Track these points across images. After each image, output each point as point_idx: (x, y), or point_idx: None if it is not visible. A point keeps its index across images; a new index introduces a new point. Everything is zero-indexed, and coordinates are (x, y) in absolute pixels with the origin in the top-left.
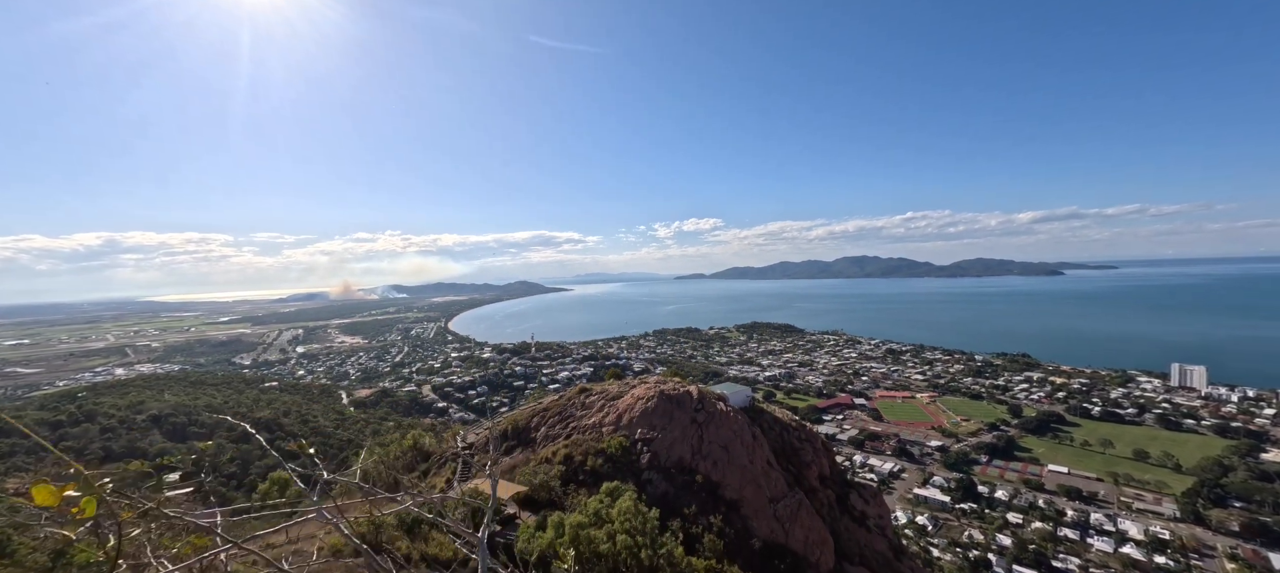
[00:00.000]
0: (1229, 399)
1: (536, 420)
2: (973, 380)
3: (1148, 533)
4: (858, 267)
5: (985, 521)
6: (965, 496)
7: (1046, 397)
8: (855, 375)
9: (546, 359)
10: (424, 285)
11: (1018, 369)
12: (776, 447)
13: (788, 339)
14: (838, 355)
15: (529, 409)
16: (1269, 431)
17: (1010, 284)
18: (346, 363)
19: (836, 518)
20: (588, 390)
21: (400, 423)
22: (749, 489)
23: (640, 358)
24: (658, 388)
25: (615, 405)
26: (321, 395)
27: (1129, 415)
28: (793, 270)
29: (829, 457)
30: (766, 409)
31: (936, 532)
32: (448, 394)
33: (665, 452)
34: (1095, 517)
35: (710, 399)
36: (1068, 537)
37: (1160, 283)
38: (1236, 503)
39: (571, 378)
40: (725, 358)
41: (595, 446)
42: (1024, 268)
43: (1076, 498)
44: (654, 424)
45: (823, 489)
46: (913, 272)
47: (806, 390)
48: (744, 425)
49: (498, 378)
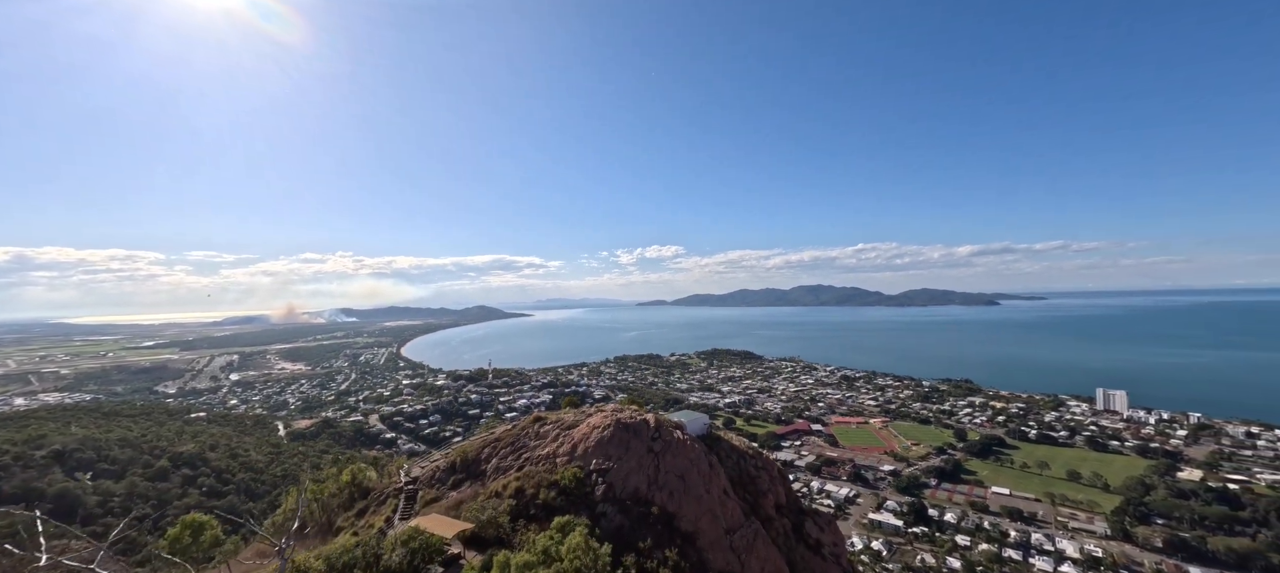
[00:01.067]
0: (1147, 421)
1: (488, 452)
2: (921, 405)
3: (1083, 552)
4: (813, 295)
5: (936, 544)
6: (917, 519)
7: (988, 421)
8: (812, 401)
9: (504, 387)
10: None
11: (962, 395)
12: (733, 475)
13: (747, 366)
14: (795, 382)
15: (480, 440)
16: (1183, 451)
17: (953, 313)
18: (286, 391)
19: (792, 547)
20: (542, 419)
21: (338, 458)
22: (705, 520)
23: (601, 385)
24: (614, 417)
25: (571, 435)
26: (255, 427)
27: (1062, 438)
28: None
29: (785, 485)
30: (724, 437)
31: (891, 557)
32: (397, 424)
33: (621, 483)
34: (1036, 537)
35: (667, 428)
36: (1012, 557)
37: (1083, 313)
38: (1159, 520)
39: (530, 406)
40: (686, 385)
41: (548, 477)
42: (964, 298)
43: (1018, 519)
44: (610, 454)
45: (779, 518)
46: (864, 301)
47: (765, 417)
48: (701, 454)
49: (452, 406)
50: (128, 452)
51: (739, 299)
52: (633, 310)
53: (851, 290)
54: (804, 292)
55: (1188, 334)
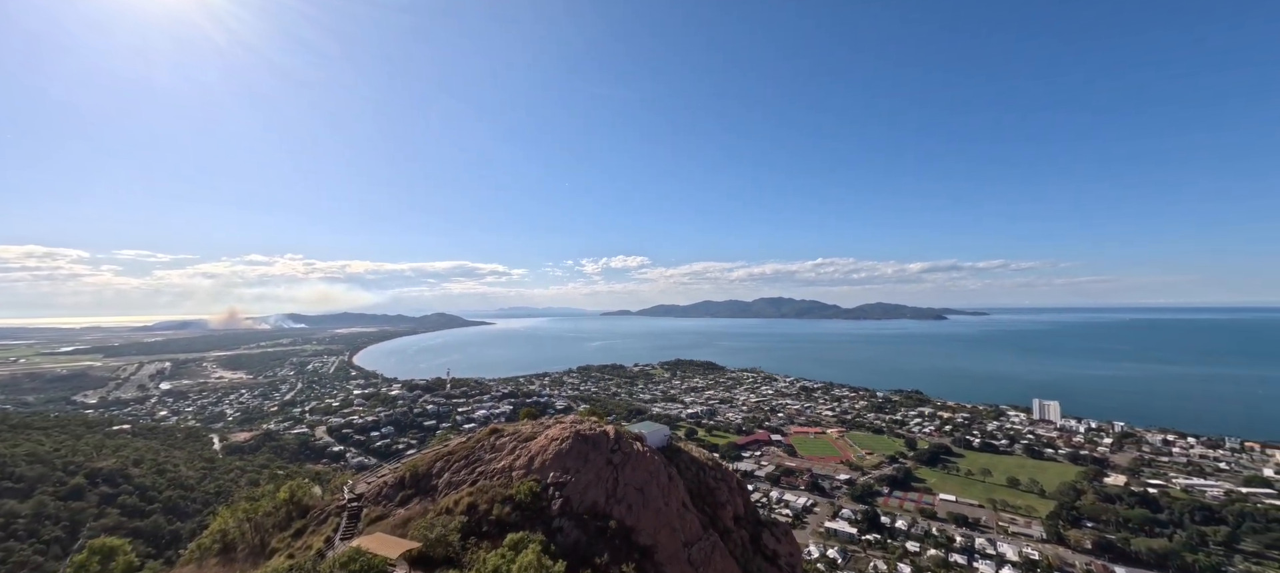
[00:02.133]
0: (1078, 430)
1: (440, 466)
2: (875, 416)
3: (1021, 555)
4: (775, 308)
5: (888, 550)
6: (870, 527)
7: (936, 430)
8: (772, 412)
9: (463, 397)
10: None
11: (912, 405)
12: (692, 487)
13: (710, 376)
14: (756, 392)
15: (432, 453)
16: (1109, 457)
17: (904, 327)
18: (224, 402)
19: (750, 558)
20: (499, 431)
21: (276, 474)
22: (664, 533)
23: (563, 395)
24: (573, 428)
25: (528, 447)
26: (187, 440)
27: (1002, 446)
28: (715, 309)
29: (743, 496)
30: (684, 449)
31: (846, 564)
32: (346, 436)
33: (578, 496)
34: (979, 541)
35: (627, 440)
36: (957, 562)
37: (1021, 328)
38: (1088, 523)
39: (489, 416)
40: (649, 395)
41: (503, 492)
42: (915, 312)
43: (963, 524)
44: (568, 467)
45: (737, 530)
46: (823, 313)
47: (727, 427)
48: (660, 466)
49: (406, 417)
50: (37, 468)
51: (703, 310)
52: (597, 320)
53: (811, 303)
54: (766, 304)
55: (1113, 349)
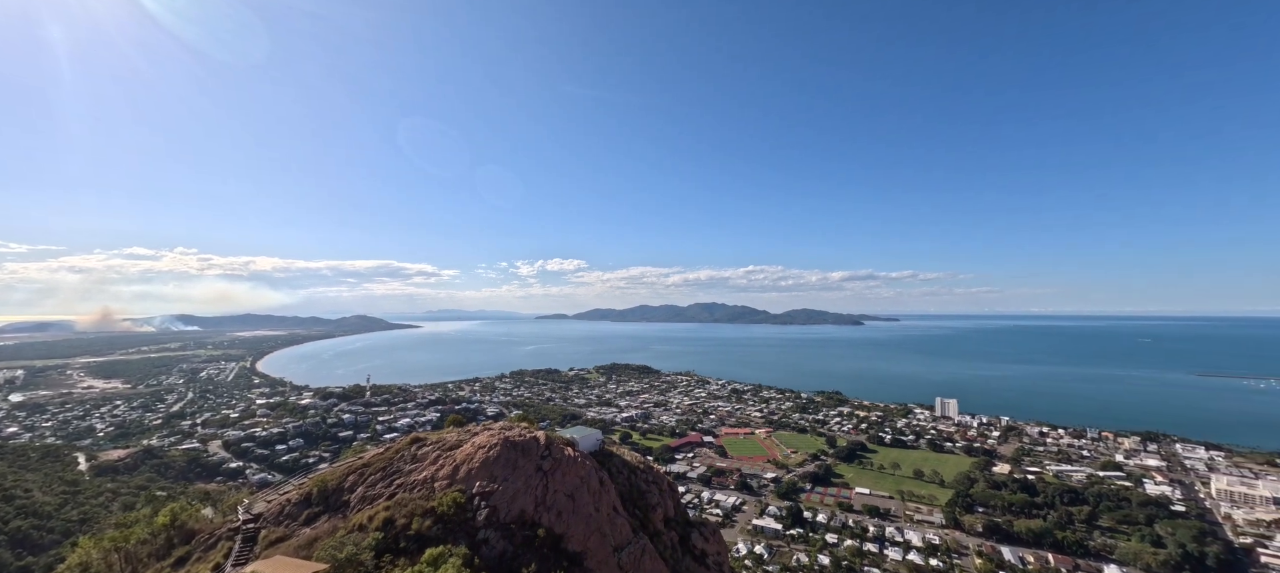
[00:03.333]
0: (972, 425)
1: (354, 479)
2: (800, 416)
3: (924, 540)
4: (708, 313)
5: (810, 543)
6: (794, 522)
7: (854, 428)
8: (705, 414)
9: (384, 405)
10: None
11: (833, 405)
12: (624, 491)
13: (645, 380)
14: (690, 395)
15: (345, 466)
16: (997, 449)
17: (827, 331)
18: (93, 415)
19: (679, 559)
20: (421, 440)
21: (155, 496)
22: (594, 539)
23: (495, 401)
24: (502, 435)
25: (452, 456)
26: (44, 460)
27: (910, 441)
28: (651, 314)
29: (674, 498)
30: (616, 453)
31: (771, 559)
32: (246, 451)
33: (506, 505)
34: (889, 530)
35: (558, 445)
36: (870, 550)
37: (927, 333)
38: (980, 508)
39: (413, 425)
40: (584, 400)
41: (424, 505)
42: (837, 318)
43: (876, 515)
44: (496, 475)
45: (667, 532)
46: (753, 319)
47: (661, 430)
48: (592, 471)
49: (319, 428)
50: None
51: (639, 314)
52: (532, 324)
53: (742, 308)
54: (700, 309)
55: (999, 352)
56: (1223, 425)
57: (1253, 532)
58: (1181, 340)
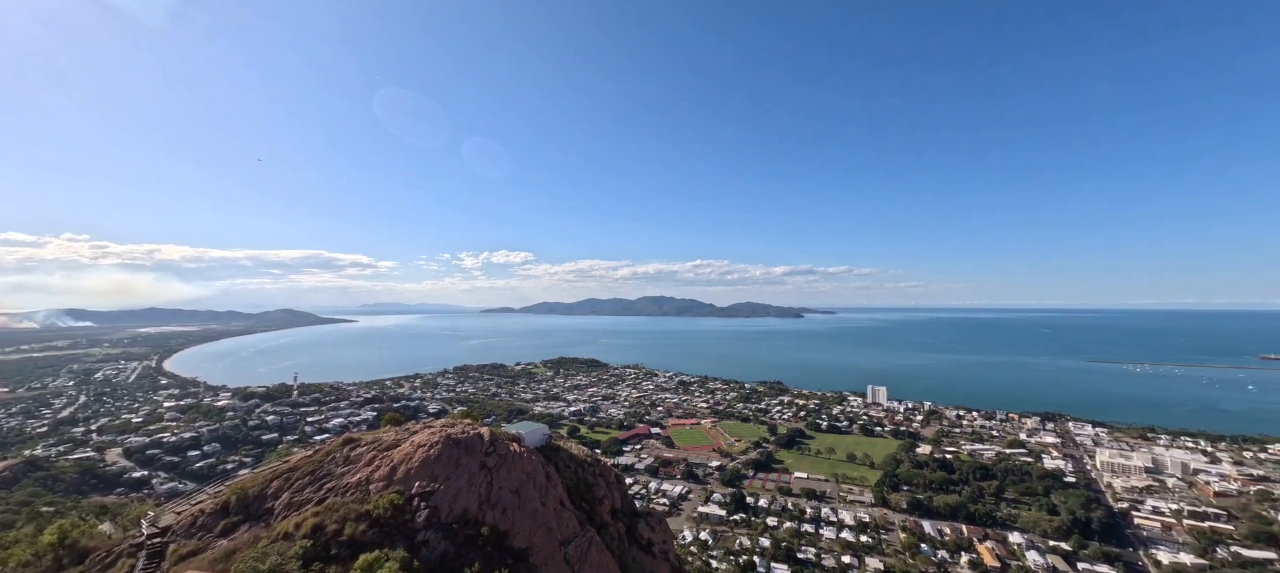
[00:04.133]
0: (899, 410)
1: (278, 485)
2: (743, 405)
3: (856, 519)
4: (656, 306)
5: (752, 527)
6: (737, 507)
7: (793, 416)
8: (653, 406)
9: (314, 405)
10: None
11: (774, 394)
12: (571, 485)
13: (593, 374)
14: (638, 388)
15: (268, 471)
16: (920, 431)
17: (769, 324)
18: None
19: (626, 550)
20: (355, 441)
21: (39, 512)
22: (540, 535)
23: (437, 398)
24: (444, 432)
25: (390, 457)
26: None
27: (844, 427)
28: (600, 307)
29: (621, 489)
30: (563, 447)
31: (716, 544)
32: (152, 459)
33: (448, 505)
34: (825, 511)
35: (503, 441)
36: (807, 530)
37: (861, 326)
38: (904, 487)
39: (347, 425)
40: (531, 394)
41: (358, 508)
42: (779, 311)
43: (813, 497)
44: (436, 474)
45: (614, 523)
46: (700, 312)
47: (609, 423)
48: (538, 467)
49: (238, 432)
50: None
51: (588, 308)
52: (477, 317)
53: (690, 302)
54: (648, 302)
55: (925, 342)
56: (1106, 404)
57: (1129, 497)
58: (1076, 331)
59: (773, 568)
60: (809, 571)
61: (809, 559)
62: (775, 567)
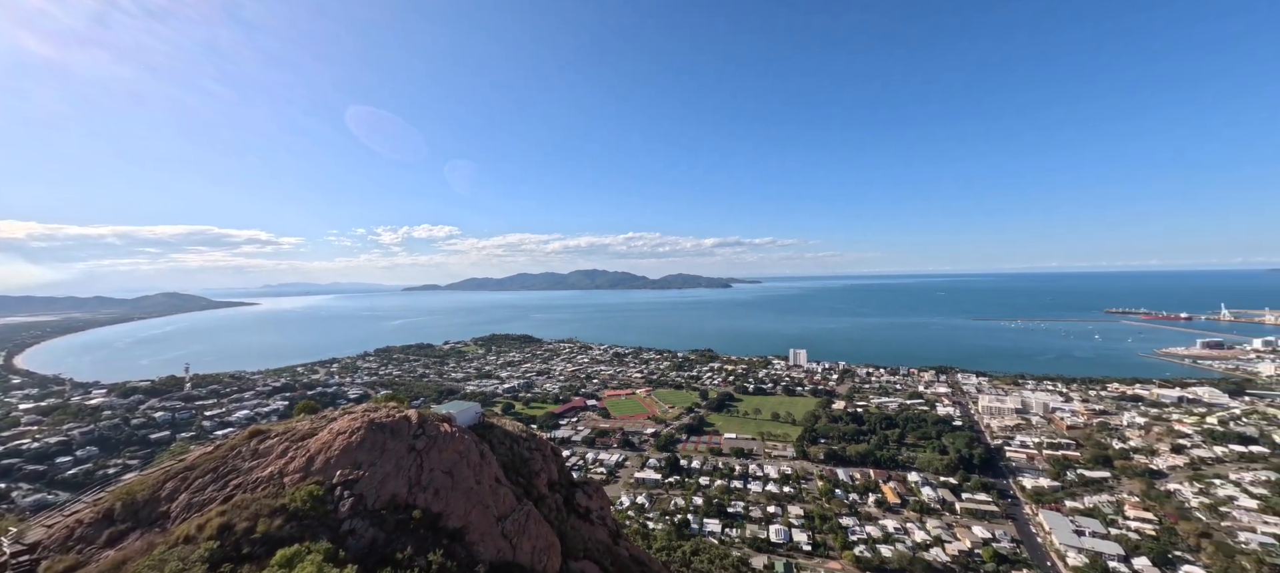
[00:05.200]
0: (817, 370)
1: (174, 486)
2: (676, 373)
3: (779, 472)
4: (589, 279)
5: (685, 488)
6: (672, 471)
7: (723, 381)
8: (588, 379)
9: (212, 397)
10: None
11: (705, 362)
12: (506, 461)
13: (526, 349)
14: (573, 362)
15: (160, 472)
16: (835, 389)
17: (700, 295)
18: None
19: (564, 519)
20: (263, 433)
21: None
22: (475, 512)
23: (357, 383)
24: (366, 417)
25: (305, 447)
26: None
27: (769, 389)
28: (531, 282)
29: (558, 461)
30: (497, 424)
31: (652, 507)
32: (9, 470)
33: (375, 491)
34: (752, 467)
35: (433, 422)
36: (737, 487)
37: (784, 294)
38: (822, 440)
39: (254, 417)
40: (462, 374)
41: (271, 503)
42: (709, 282)
43: (741, 456)
44: (360, 461)
45: (551, 495)
46: (633, 284)
47: (545, 398)
48: (471, 445)
49: (119, 432)
50: None
51: (519, 283)
52: (400, 296)
53: (623, 275)
54: (581, 276)
55: (840, 307)
56: (988, 356)
57: (1002, 435)
58: (966, 293)
59: (705, 523)
60: (738, 523)
61: (738, 512)
62: (707, 522)
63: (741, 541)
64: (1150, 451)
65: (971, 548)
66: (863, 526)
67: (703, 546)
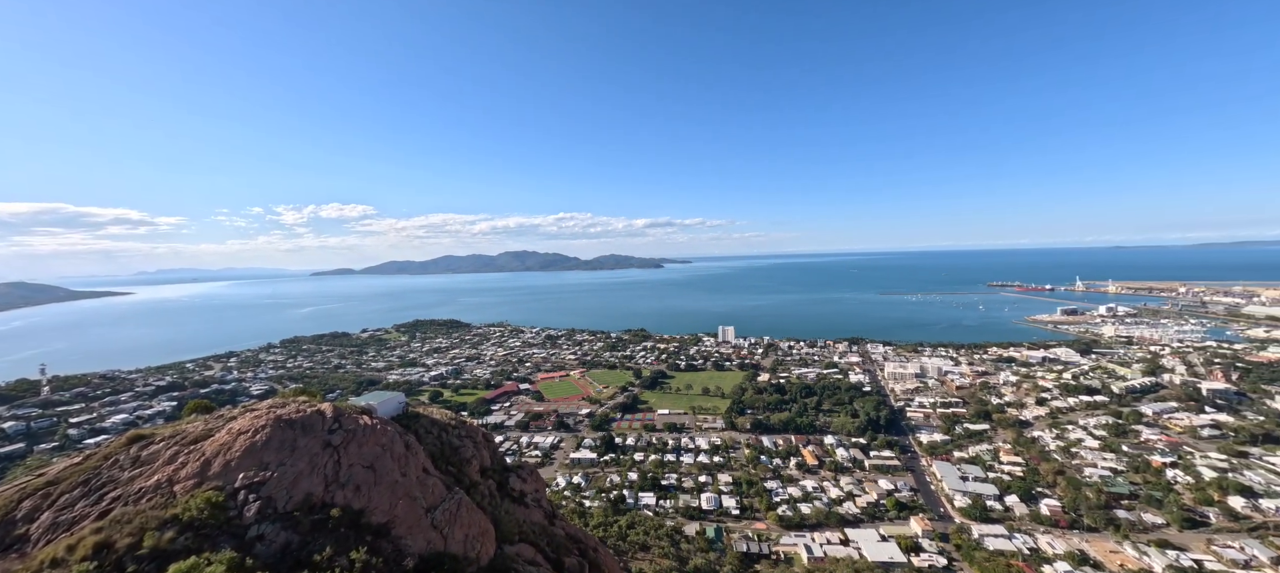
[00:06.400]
0: (744, 346)
1: (34, 505)
2: (610, 353)
3: (709, 443)
4: (519, 261)
5: (621, 465)
6: (607, 449)
7: (656, 359)
8: (520, 363)
9: (79, 401)
10: None
11: (638, 341)
12: (435, 450)
13: (454, 335)
14: (504, 346)
15: (14, 490)
16: (760, 362)
17: (633, 275)
18: None
19: (498, 505)
20: (145, 439)
21: None
22: (402, 505)
23: (261, 378)
24: (272, 414)
25: (200, 450)
26: None
27: (700, 365)
28: (457, 264)
29: (490, 447)
30: (424, 413)
31: (588, 485)
32: None
33: (285, 492)
34: (684, 440)
35: (350, 415)
36: (670, 460)
37: (713, 273)
38: (748, 411)
39: (134, 421)
40: (383, 363)
41: (160, 515)
42: (641, 262)
43: (674, 430)
44: (267, 462)
45: (484, 481)
46: (565, 265)
47: (476, 384)
48: (395, 437)
49: None
50: None
51: (444, 266)
52: (308, 282)
53: (554, 256)
54: (510, 258)
55: (765, 285)
56: (893, 327)
57: (904, 397)
58: (875, 270)
59: (640, 497)
60: (672, 494)
61: (672, 485)
62: (643, 496)
63: (675, 511)
64: (1020, 404)
65: (877, 499)
66: (785, 487)
67: (638, 519)
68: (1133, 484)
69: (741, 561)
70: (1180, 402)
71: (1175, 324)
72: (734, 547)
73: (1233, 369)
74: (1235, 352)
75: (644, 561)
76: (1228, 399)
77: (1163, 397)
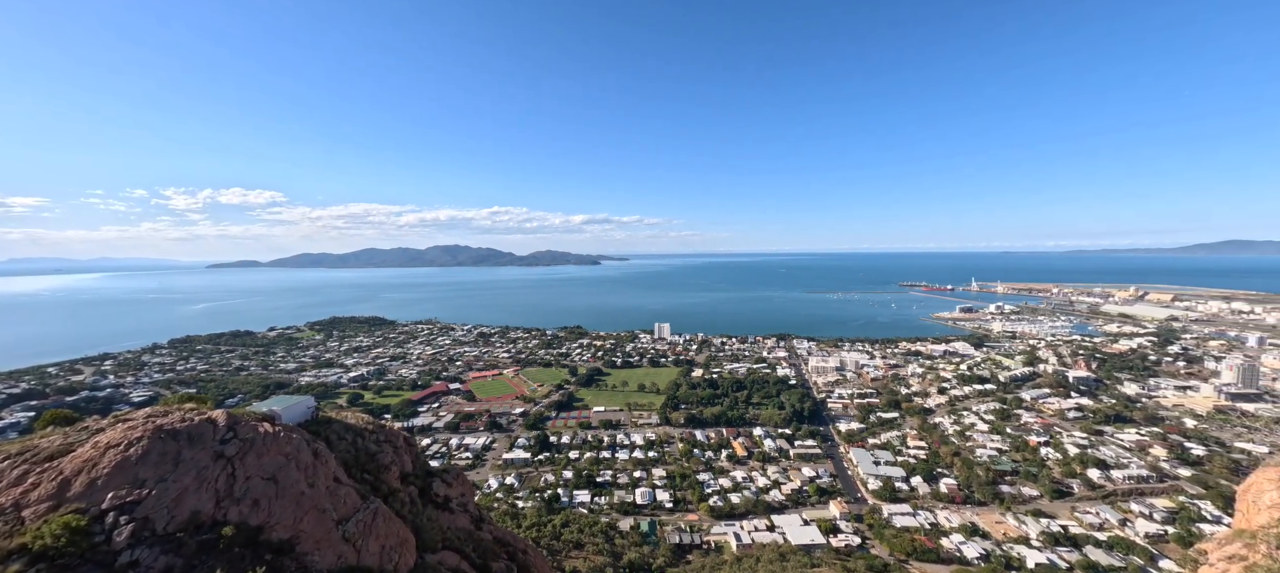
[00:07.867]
0: (680, 342)
1: None
2: (546, 351)
3: (645, 439)
4: (450, 255)
5: (556, 464)
6: (542, 448)
7: (592, 357)
8: (450, 361)
9: None
10: None
11: (574, 338)
12: (349, 458)
13: (377, 333)
14: (432, 344)
15: None
16: (694, 358)
17: (569, 271)
18: None
19: (420, 512)
20: None
21: None
22: (309, 519)
23: (144, 383)
24: (150, 424)
25: (56, 468)
26: None
27: (635, 361)
28: (382, 258)
29: (412, 451)
30: (337, 418)
31: (522, 486)
32: None
33: (167, 512)
34: (620, 437)
35: (248, 423)
36: (605, 457)
37: (650, 270)
38: (683, 406)
39: None
40: (294, 364)
41: (5, 545)
42: (578, 259)
43: (610, 427)
44: (143, 478)
45: (404, 488)
46: (499, 261)
47: (401, 385)
48: (301, 445)
49: None
50: None
51: (365, 259)
52: (204, 275)
53: (487, 251)
54: (440, 252)
55: (700, 283)
56: (817, 323)
57: (826, 389)
58: (805, 270)
59: (575, 495)
60: (607, 490)
61: (607, 481)
62: (578, 494)
63: (610, 507)
64: (925, 393)
65: (801, 486)
66: (716, 479)
67: (572, 517)
68: (1014, 462)
69: (674, 552)
70: (1052, 388)
71: (1049, 321)
72: (667, 539)
73: (1093, 359)
74: (1095, 345)
75: (578, 558)
76: (1088, 386)
77: (1038, 384)
